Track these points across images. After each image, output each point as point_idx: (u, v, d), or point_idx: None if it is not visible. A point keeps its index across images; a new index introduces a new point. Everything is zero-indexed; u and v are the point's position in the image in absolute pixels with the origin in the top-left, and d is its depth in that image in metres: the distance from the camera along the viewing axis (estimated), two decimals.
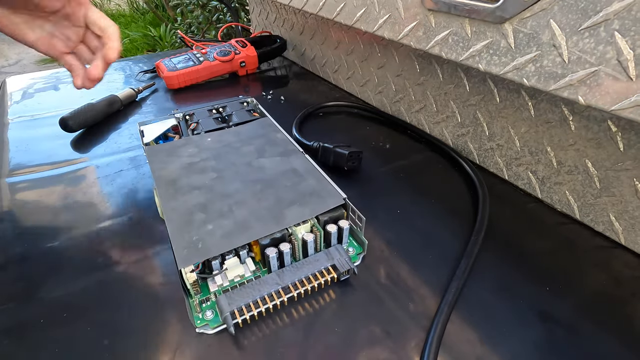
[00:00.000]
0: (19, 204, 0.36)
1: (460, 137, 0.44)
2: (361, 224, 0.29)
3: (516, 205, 0.36)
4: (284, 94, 0.60)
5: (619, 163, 0.30)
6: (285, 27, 0.73)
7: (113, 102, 0.52)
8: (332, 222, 0.28)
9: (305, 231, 0.28)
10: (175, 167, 0.32)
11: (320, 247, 0.28)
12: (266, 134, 0.38)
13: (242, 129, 0.39)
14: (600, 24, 0.24)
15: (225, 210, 0.28)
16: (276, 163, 0.33)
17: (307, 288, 0.26)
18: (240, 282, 0.27)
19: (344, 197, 0.29)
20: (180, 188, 0.30)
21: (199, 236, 0.26)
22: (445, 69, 0.42)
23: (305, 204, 0.28)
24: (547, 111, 0.34)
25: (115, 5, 3.60)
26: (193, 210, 0.28)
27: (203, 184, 0.31)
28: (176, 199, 0.29)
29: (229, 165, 0.33)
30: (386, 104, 0.54)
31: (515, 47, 0.29)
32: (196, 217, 0.27)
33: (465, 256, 0.29)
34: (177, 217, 0.27)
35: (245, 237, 0.26)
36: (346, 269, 0.27)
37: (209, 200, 0.29)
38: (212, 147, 0.35)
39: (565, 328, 0.25)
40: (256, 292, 0.25)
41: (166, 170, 0.32)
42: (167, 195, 0.29)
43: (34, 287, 0.28)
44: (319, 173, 0.32)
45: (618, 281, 0.28)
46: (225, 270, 0.26)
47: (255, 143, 0.36)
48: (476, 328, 0.25)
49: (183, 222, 0.27)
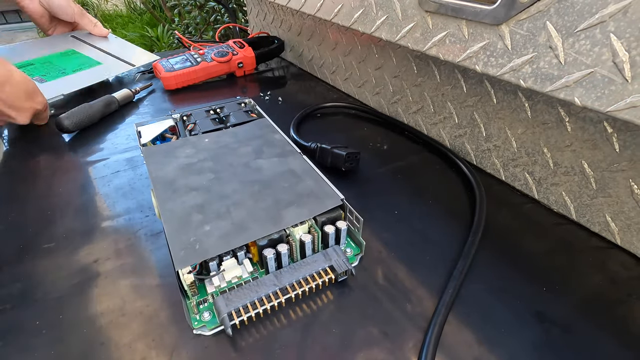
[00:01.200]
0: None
1: (458, 138, 0.44)
2: (359, 225, 0.29)
3: (513, 206, 0.37)
4: (281, 94, 0.60)
5: (615, 164, 0.30)
6: (283, 28, 0.73)
7: (110, 103, 0.52)
8: (329, 223, 0.28)
9: (303, 232, 0.28)
10: (172, 168, 0.32)
11: (318, 248, 0.28)
12: (264, 134, 0.38)
13: (240, 129, 0.39)
14: (596, 26, 0.24)
15: (223, 211, 0.28)
16: (274, 164, 0.33)
17: (305, 289, 0.26)
18: (237, 284, 0.27)
19: (342, 197, 0.29)
20: (177, 189, 0.30)
21: (197, 237, 0.26)
22: (442, 70, 0.42)
23: (303, 204, 0.28)
24: (543, 112, 0.34)
25: (113, 5, 3.59)
26: (190, 211, 0.28)
27: (200, 185, 0.30)
28: (173, 200, 0.29)
29: (226, 166, 0.33)
30: (384, 105, 0.54)
31: (512, 49, 0.29)
32: (194, 218, 0.27)
33: (462, 257, 0.29)
34: (175, 218, 0.27)
35: (242, 238, 0.26)
36: (344, 269, 0.27)
37: (206, 201, 0.29)
38: (209, 147, 0.35)
39: (562, 328, 0.25)
40: (254, 293, 0.25)
41: (163, 171, 0.32)
42: (164, 196, 0.29)
43: (29, 288, 0.28)
44: (316, 174, 0.32)
45: (614, 281, 0.28)
46: (222, 271, 0.26)
47: (253, 144, 0.36)
48: (473, 329, 0.25)
49: (180, 223, 0.27)
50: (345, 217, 0.30)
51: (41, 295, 0.27)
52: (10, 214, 0.35)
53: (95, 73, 0.60)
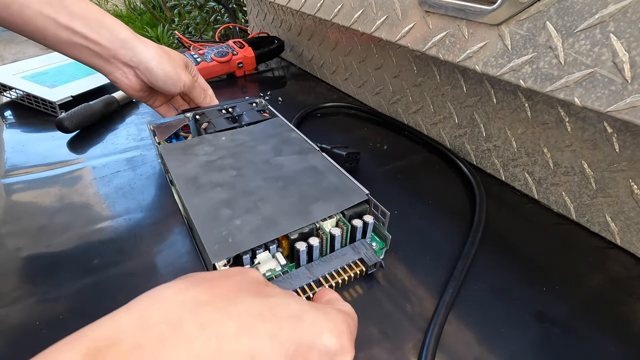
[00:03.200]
0: (15, 205, 0.36)
1: (458, 138, 0.44)
2: (384, 219, 0.29)
3: (513, 206, 0.37)
4: (281, 95, 0.60)
5: (614, 164, 0.30)
6: (282, 28, 0.73)
7: (110, 103, 0.52)
8: (356, 217, 0.29)
9: (332, 226, 0.28)
10: (193, 165, 0.32)
11: (346, 242, 0.29)
12: (280, 133, 0.38)
13: (255, 128, 0.38)
14: (596, 26, 0.24)
15: (251, 207, 0.28)
16: (294, 161, 0.33)
17: (338, 280, 0.26)
18: (270, 277, 0.26)
19: (367, 192, 0.29)
20: (201, 185, 0.30)
21: (228, 231, 0.26)
22: (442, 70, 0.42)
23: (329, 199, 0.29)
24: (543, 112, 0.34)
25: (113, 5, 3.59)
26: (218, 206, 0.28)
27: (224, 181, 0.30)
28: (199, 195, 0.29)
29: (247, 164, 0.33)
30: (384, 105, 0.54)
31: (511, 49, 0.29)
32: (222, 212, 0.27)
33: (462, 257, 0.29)
34: (203, 213, 0.27)
35: (274, 232, 0.26)
36: (374, 262, 0.27)
37: (232, 197, 0.29)
38: (227, 145, 0.35)
39: (562, 328, 0.25)
40: (288, 286, 0.25)
41: (185, 168, 0.32)
42: (188, 192, 0.29)
43: (30, 289, 0.27)
44: (338, 170, 0.32)
45: (614, 281, 0.28)
46: (258, 264, 0.26)
47: (271, 142, 0.36)
48: (473, 329, 0.25)
49: (210, 217, 0.27)
50: (370, 211, 0.30)
51: (40, 296, 0.27)
52: (9, 214, 0.35)
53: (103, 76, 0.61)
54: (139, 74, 0.36)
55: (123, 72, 0.36)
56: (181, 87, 0.38)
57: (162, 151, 0.34)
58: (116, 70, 0.36)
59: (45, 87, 0.54)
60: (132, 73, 0.36)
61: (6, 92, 0.54)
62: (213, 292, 0.16)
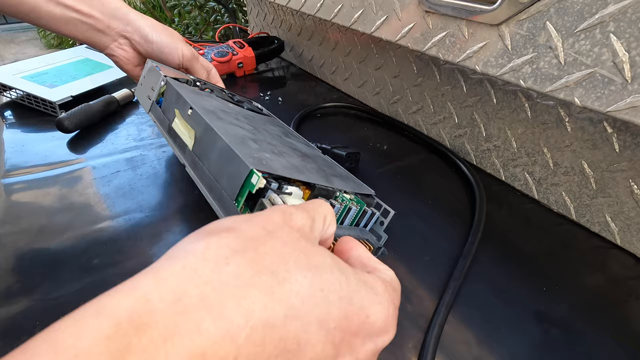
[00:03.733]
0: (15, 205, 0.36)
1: (458, 138, 0.44)
2: (385, 219, 0.29)
3: (513, 206, 0.37)
4: (281, 95, 0.60)
5: (614, 164, 0.30)
6: (282, 28, 0.73)
7: (110, 103, 0.52)
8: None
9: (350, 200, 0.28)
10: (209, 103, 0.28)
11: (353, 221, 0.28)
12: (282, 126, 0.38)
13: (257, 116, 0.37)
14: (596, 26, 0.24)
15: (276, 152, 0.26)
16: (304, 147, 0.33)
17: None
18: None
19: (373, 193, 0.30)
20: (222, 119, 0.26)
21: (259, 156, 0.23)
22: (442, 70, 0.42)
23: (345, 180, 0.29)
24: (543, 112, 0.34)
25: None
26: (244, 137, 0.25)
27: (244, 127, 0.28)
28: (223, 122, 0.26)
29: (261, 130, 0.30)
30: (384, 105, 0.54)
31: (511, 49, 0.29)
32: (250, 144, 0.25)
33: (462, 257, 0.29)
34: (231, 135, 0.24)
35: (304, 176, 0.24)
36: (378, 246, 0.27)
37: (257, 138, 0.27)
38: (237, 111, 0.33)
39: (562, 328, 0.25)
40: None
41: (202, 102, 0.28)
42: (211, 117, 0.25)
43: (29, 288, 0.27)
44: (342, 168, 0.32)
45: (614, 281, 0.28)
46: (289, 194, 0.23)
47: (278, 128, 0.35)
48: (473, 329, 0.25)
49: (238, 140, 0.24)
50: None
51: (40, 296, 0.27)
52: (9, 214, 0.35)
53: (104, 75, 0.61)
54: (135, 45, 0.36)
55: (119, 43, 0.36)
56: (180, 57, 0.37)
57: (173, 83, 0.29)
58: (111, 42, 0.36)
59: (45, 87, 0.54)
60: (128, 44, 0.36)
61: (6, 92, 0.54)
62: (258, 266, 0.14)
